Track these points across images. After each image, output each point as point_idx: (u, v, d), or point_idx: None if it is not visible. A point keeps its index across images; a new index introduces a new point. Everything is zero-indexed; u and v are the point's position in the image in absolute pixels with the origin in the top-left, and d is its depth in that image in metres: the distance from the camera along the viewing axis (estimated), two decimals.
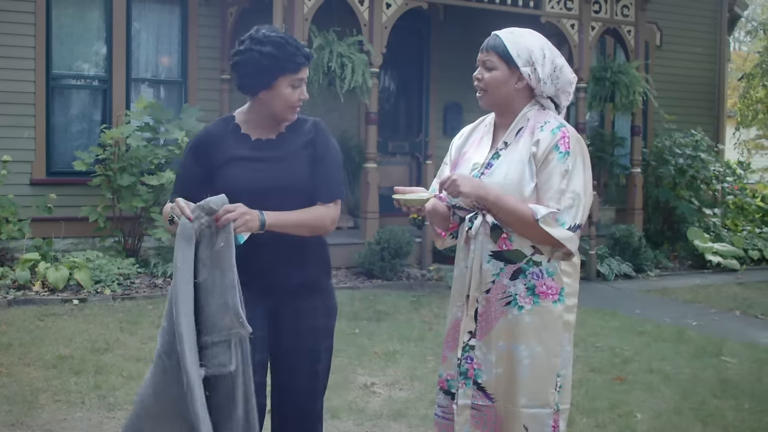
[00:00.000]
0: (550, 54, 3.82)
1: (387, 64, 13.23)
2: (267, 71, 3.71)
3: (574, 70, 13.65)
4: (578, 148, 3.73)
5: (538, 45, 3.85)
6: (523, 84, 3.82)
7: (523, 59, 3.81)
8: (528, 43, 3.84)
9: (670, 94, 16.73)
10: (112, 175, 11.28)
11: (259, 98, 3.78)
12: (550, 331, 3.71)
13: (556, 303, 3.72)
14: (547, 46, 3.85)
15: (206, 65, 13.27)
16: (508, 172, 3.72)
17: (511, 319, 3.71)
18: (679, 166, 15.12)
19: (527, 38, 3.86)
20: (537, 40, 3.87)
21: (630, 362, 7.74)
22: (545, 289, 3.71)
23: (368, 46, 11.99)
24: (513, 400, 3.71)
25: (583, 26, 13.86)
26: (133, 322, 8.63)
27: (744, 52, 30.39)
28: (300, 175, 3.79)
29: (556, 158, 3.69)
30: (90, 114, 12.68)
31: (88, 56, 12.60)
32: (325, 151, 3.91)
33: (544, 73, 3.80)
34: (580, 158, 3.71)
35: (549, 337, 3.71)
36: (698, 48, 17.93)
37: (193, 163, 3.85)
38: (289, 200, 3.74)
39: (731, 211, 16.83)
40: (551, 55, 3.82)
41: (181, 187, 3.83)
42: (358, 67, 11.63)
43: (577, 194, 3.67)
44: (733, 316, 10.40)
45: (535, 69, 3.78)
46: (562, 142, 3.71)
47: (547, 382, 3.72)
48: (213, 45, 13.31)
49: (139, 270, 10.85)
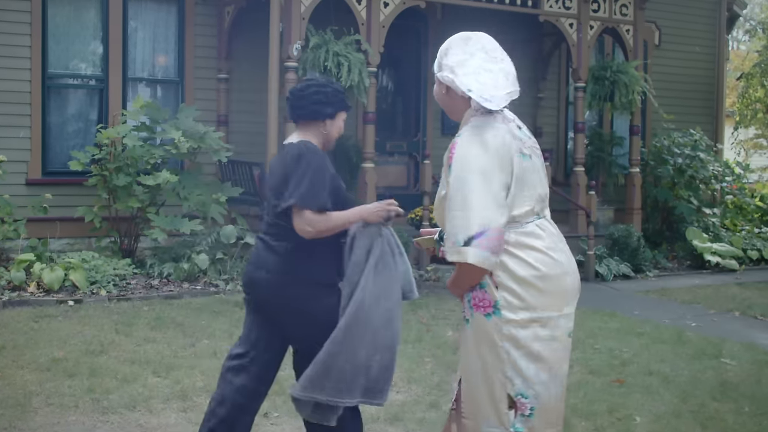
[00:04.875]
0: (453, 54, 3.82)
1: (384, 63, 13.19)
2: (334, 105, 4.48)
3: (573, 69, 13.75)
4: (465, 158, 3.67)
5: (444, 47, 3.89)
6: (450, 91, 3.87)
7: (437, 64, 3.91)
8: (442, 48, 3.91)
9: (668, 94, 16.66)
10: (108, 175, 11.21)
11: (324, 124, 4.49)
12: (487, 346, 3.71)
13: (489, 316, 3.70)
14: (454, 45, 3.84)
15: (203, 65, 13.19)
16: (441, 188, 3.87)
17: (462, 331, 3.85)
18: (678, 166, 15.06)
19: (445, 43, 3.91)
20: (446, 43, 3.89)
21: (629, 364, 7.68)
22: (477, 302, 3.73)
23: (365, 46, 11.92)
24: (460, 410, 3.84)
25: (582, 25, 13.79)
26: (129, 323, 8.56)
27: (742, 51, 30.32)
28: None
29: (445, 175, 3.77)
30: (86, 113, 12.60)
31: (84, 55, 12.53)
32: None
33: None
34: (466, 169, 3.65)
35: (487, 353, 3.72)
36: (697, 47, 17.86)
37: (333, 174, 4.43)
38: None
39: (730, 210, 16.78)
40: (452, 55, 3.82)
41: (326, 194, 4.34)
42: (355, 66, 11.56)
43: (461, 207, 3.62)
44: (733, 317, 10.34)
45: (453, 72, 3.78)
46: (449, 156, 3.76)
47: (484, 399, 3.73)
48: (210, 44, 13.23)
49: (135, 271, 10.79)
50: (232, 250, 11.25)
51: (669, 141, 15.48)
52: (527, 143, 3.80)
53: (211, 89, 13.24)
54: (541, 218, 3.79)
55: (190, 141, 11.21)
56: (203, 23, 13.19)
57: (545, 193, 3.83)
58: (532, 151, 3.80)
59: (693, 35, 17.82)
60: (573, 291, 3.82)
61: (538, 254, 3.71)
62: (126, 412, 5.97)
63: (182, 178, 11.36)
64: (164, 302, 9.66)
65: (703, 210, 15.36)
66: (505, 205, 3.65)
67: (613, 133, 16.40)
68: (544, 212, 3.84)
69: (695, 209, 15.12)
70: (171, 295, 10.01)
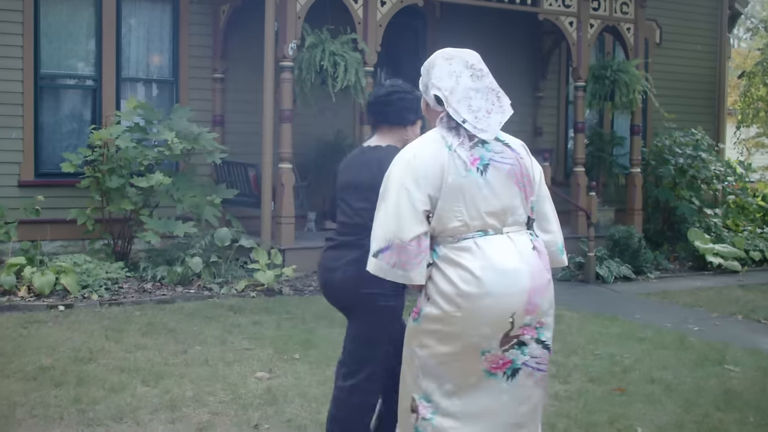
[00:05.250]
0: (438, 77, 3.88)
1: (382, 62, 13.02)
2: (417, 112, 4.54)
3: (573, 68, 13.58)
4: (389, 174, 3.81)
5: (427, 66, 4.01)
6: (429, 106, 3.99)
7: (422, 84, 4.02)
8: (425, 66, 4.03)
9: (670, 93, 16.50)
10: (101, 176, 11.03)
11: (405, 130, 4.63)
12: (408, 347, 3.95)
13: (415, 321, 3.90)
14: (437, 65, 3.92)
15: (198, 64, 13.03)
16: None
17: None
18: (680, 166, 14.89)
19: (428, 61, 4.03)
20: (429, 61, 4.01)
21: (630, 371, 7.50)
22: (415, 306, 3.93)
23: (362, 45, 11.75)
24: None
25: (582, 24, 13.63)
26: (119, 329, 8.38)
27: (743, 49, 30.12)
28: None
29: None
30: (79, 114, 12.44)
31: (77, 55, 12.36)
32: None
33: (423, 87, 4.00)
34: (387, 185, 3.80)
35: (407, 354, 3.97)
36: (698, 45, 17.70)
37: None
38: None
39: (732, 210, 16.59)
40: (436, 77, 3.89)
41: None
42: (351, 65, 11.39)
43: (377, 220, 3.80)
44: (736, 320, 10.16)
45: (447, 101, 3.84)
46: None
47: (404, 390, 3.98)
48: (205, 44, 13.06)
49: (128, 274, 10.62)
50: (227, 253, 11.08)
51: (670, 140, 15.30)
52: (480, 157, 3.76)
53: (207, 89, 13.08)
54: (489, 235, 3.74)
55: (183, 142, 11.04)
56: (198, 22, 13.03)
57: (500, 209, 3.76)
58: (486, 167, 3.75)
59: (694, 33, 17.66)
60: (494, 314, 3.70)
61: (462, 271, 3.70)
62: (112, 424, 5.79)
63: (176, 179, 11.18)
64: (156, 307, 9.48)
65: (705, 210, 15.19)
66: (421, 220, 3.71)
67: (614, 133, 16.24)
68: (504, 228, 3.78)
69: (697, 210, 14.95)
70: (164, 299, 9.84)
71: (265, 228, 11.50)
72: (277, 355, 7.67)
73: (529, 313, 3.71)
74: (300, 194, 12.57)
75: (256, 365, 7.32)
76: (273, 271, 10.56)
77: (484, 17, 14.53)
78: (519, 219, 3.78)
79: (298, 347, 7.92)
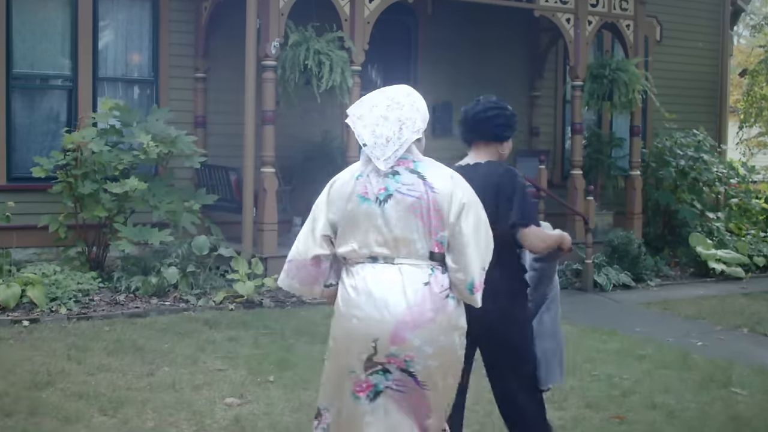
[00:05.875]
0: (357, 106, 4.02)
1: (371, 61, 12.52)
2: (513, 127, 4.74)
3: (570, 67, 13.05)
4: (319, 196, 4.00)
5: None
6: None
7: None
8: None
9: (670, 92, 15.98)
10: (74, 181, 10.49)
11: (501, 145, 4.73)
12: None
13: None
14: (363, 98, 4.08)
15: (179, 63, 12.49)
16: None
17: None
18: (681, 168, 14.36)
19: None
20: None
21: (630, 395, 6.97)
22: None
23: (349, 43, 11.22)
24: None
25: (580, 21, 13.10)
26: (84, 347, 7.85)
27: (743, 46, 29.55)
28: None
29: None
30: (55, 115, 11.87)
31: (52, 54, 11.78)
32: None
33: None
34: (313, 206, 4.00)
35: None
36: (700, 43, 17.18)
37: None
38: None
39: (734, 213, 16.08)
40: (356, 106, 4.03)
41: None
42: (337, 65, 10.87)
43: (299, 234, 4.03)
44: (741, 334, 9.65)
45: (353, 123, 3.98)
46: None
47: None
48: (186, 42, 12.52)
49: (101, 285, 10.08)
50: (207, 262, 10.54)
51: (671, 142, 14.76)
52: (386, 188, 3.80)
53: (188, 89, 12.54)
54: (377, 263, 3.80)
55: (160, 145, 10.50)
56: (179, 19, 12.48)
57: (392, 240, 3.79)
58: (389, 198, 3.79)
59: (696, 30, 17.15)
60: (358, 336, 3.79)
61: (344, 293, 3.85)
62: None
63: (152, 184, 10.65)
64: (127, 321, 8.94)
65: (707, 214, 14.67)
66: (320, 244, 3.89)
67: (613, 134, 15.70)
68: (397, 259, 3.80)
69: (698, 213, 14.43)
70: (136, 312, 9.30)
71: (246, 235, 10.97)
72: (251, 377, 7.15)
73: (394, 344, 3.72)
74: (284, 199, 12.05)
75: (226, 389, 6.80)
76: (253, 282, 10.04)
77: (478, 14, 14.00)
78: (416, 252, 3.77)
79: (273, 368, 7.39)
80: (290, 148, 12.78)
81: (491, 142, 4.68)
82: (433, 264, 3.77)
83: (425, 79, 14.10)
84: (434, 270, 3.77)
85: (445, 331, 3.74)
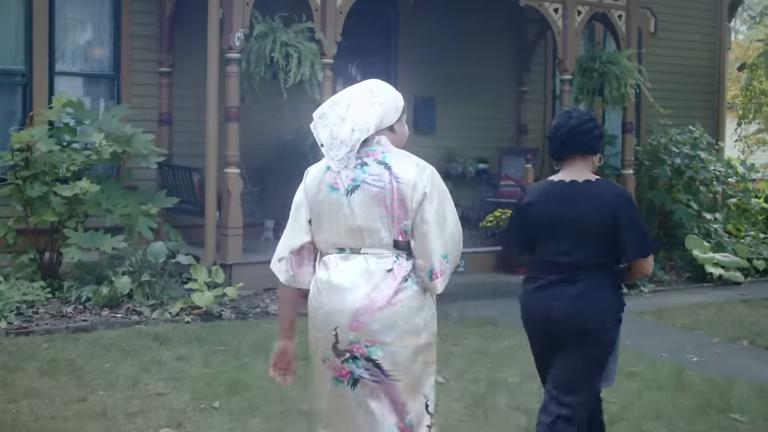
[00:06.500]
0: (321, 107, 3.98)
1: (349, 54, 11.81)
2: (603, 138, 4.75)
3: (558, 59, 12.31)
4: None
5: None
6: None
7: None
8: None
9: (665, 87, 15.25)
10: (22, 184, 9.75)
11: (596, 158, 4.70)
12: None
13: None
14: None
15: (142, 57, 11.78)
16: None
17: None
18: (676, 167, 13.63)
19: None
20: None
21: (618, 422, 6.22)
22: None
23: (320, 35, 10.48)
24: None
25: (568, 11, 12.39)
26: (15, 368, 7.09)
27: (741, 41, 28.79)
28: None
29: None
30: (11, 112, 11.17)
31: (4, 46, 11.03)
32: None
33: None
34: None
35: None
36: (696, 35, 16.49)
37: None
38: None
39: (733, 214, 15.36)
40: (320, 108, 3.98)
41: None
42: (306, 57, 10.14)
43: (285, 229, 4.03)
44: (740, 347, 8.91)
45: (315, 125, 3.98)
46: None
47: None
48: (150, 34, 11.80)
49: (50, 295, 9.33)
50: (167, 269, 9.80)
51: (666, 139, 14.02)
52: (354, 178, 3.80)
53: (152, 84, 11.83)
54: (344, 252, 3.83)
55: (114, 144, 9.75)
56: (142, 11, 11.77)
57: (357, 229, 3.80)
58: (356, 188, 3.80)
59: (692, 22, 16.48)
60: (323, 325, 3.84)
61: (315, 283, 3.89)
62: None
63: (107, 186, 9.91)
64: (70, 337, 8.18)
65: (704, 215, 13.94)
66: (306, 231, 3.91)
67: (605, 131, 14.92)
68: (362, 249, 3.81)
69: (695, 214, 13.71)
70: (82, 326, 8.54)
71: (208, 241, 10.23)
72: (194, 402, 6.41)
73: (353, 330, 3.75)
74: (251, 201, 11.30)
75: (164, 417, 6.07)
76: (213, 292, 9.30)
77: (462, 4, 13.26)
78: (380, 241, 3.79)
79: (222, 391, 6.66)
80: (260, 146, 12.07)
81: (588, 155, 4.66)
82: (398, 252, 3.80)
83: (407, 73, 13.37)
84: (399, 257, 3.80)
85: (405, 316, 3.74)
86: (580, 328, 4.56)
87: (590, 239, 4.55)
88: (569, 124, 4.65)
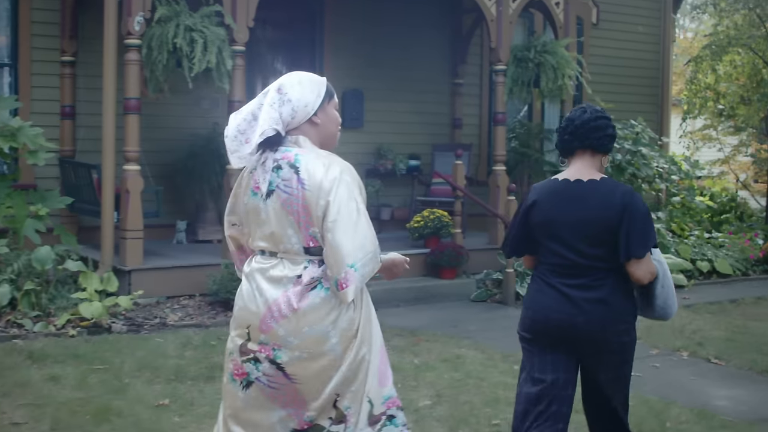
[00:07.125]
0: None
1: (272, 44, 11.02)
2: (615, 138, 4.62)
3: (492, 49, 11.58)
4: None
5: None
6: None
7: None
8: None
9: (607, 79, 14.66)
10: None
11: (604, 158, 4.53)
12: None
13: None
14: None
15: (43, 45, 10.93)
16: None
17: None
18: (617, 163, 12.98)
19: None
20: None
21: None
22: None
23: (229, 19, 9.64)
24: None
25: None
26: None
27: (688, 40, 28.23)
28: None
29: None
30: None
31: None
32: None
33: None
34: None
35: None
36: (640, 27, 15.84)
37: None
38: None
39: (677, 212, 14.74)
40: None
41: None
42: (213, 43, 9.31)
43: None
44: (680, 360, 8.20)
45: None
46: None
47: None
48: (51, 20, 10.95)
49: None
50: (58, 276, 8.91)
51: None
52: (270, 182, 3.75)
53: (54, 75, 11.00)
54: (264, 255, 3.82)
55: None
56: None
57: (270, 234, 3.78)
58: (271, 193, 3.75)
59: (636, 13, 15.90)
60: (238, 321, 3.85)
61: (244, 277, 3.89)
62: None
63: None
64: None
65: None
66: (235, 232, 4.02)
67: (542, 126, 14.26)
68: (279, 254, 3.78)
69: None
70: None
71: (105, 244, 9.35)
72: None
73: (263, 332, 3.75)
74: (155, 201, 10.42)
75: None
76: (105, 301, 8.44)
77: None
78: (291, 247, 3.76)
79: (87, 421, 5.80)
80: (172, 141, 11.26)
81: (597, 153, 4.48)
82: (310, 258, 3.74)
83: (333, 65, 12.57)
84: (310, 263, 3.75)
85: (310, 322, 3.69)
86: (602, 335, 4.39)
87: (598, 240, 4.34)
88: (583, 117, 4.48)
